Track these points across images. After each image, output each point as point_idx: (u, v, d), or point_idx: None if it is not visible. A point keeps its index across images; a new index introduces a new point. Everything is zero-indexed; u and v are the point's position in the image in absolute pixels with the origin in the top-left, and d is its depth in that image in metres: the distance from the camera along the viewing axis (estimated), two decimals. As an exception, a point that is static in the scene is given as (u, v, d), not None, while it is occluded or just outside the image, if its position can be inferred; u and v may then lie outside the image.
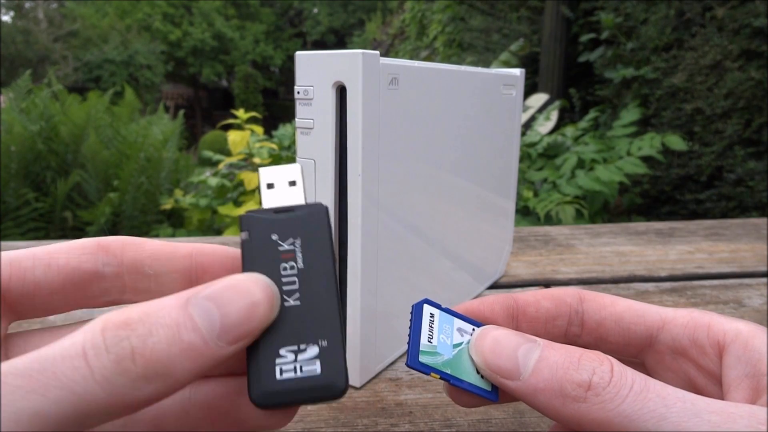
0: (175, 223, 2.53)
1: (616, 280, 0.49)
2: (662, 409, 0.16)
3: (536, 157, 2.02)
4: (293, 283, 0.17)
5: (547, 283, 0.48)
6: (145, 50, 9.59)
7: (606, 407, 0.16)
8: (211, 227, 2.05)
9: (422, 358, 0.19)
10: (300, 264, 0.18)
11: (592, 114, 2.22)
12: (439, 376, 0.20)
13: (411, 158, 0.32)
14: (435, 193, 0.36)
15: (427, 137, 0.33)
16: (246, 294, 0.16)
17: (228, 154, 1.97)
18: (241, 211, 1.68)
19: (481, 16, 3.29)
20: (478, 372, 0.20)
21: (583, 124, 2.16)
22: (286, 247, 0.18)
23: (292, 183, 0.19)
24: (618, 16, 2.34)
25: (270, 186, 0.19)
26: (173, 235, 2.17)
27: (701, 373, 0.20)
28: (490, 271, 0.46)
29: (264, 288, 0.16)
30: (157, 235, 2.25)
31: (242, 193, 1.86)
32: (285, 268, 0.18)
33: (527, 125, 2.37)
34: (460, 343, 0.20)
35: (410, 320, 0.20)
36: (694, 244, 0.59)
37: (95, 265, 0.19)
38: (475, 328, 0.21)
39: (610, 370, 0.17)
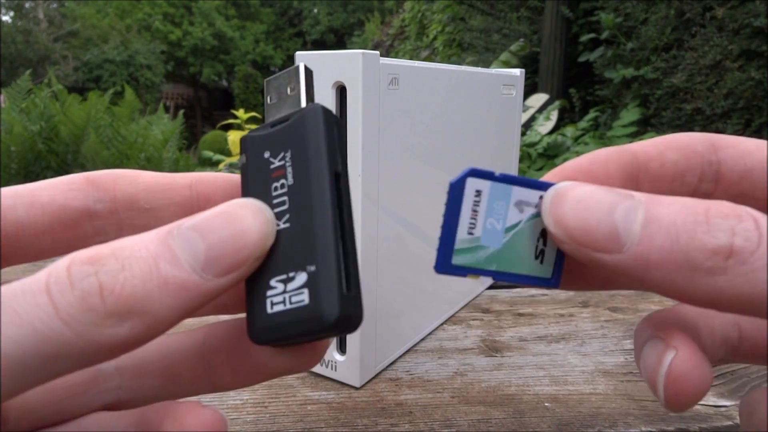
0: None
1: (616, 280, 0.48)
2: None
3: (536, 157, 2.02)
4: (284, 203, 0.15)
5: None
6: (145, 50, 9.60)
7: (757, 278, 0.12)
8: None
9: (457, 260, 0.15)
10: (290, 180, 0.15)
11: (592, 114, 2.23)
12: (478, 276, 0.16)
13: (411, 158, 0.32)
14: (435, 193, 0.36)
15: (427, 137, 0.33)
16: (235, 220, 0.14)
17: (228, 154, 1.97)
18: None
19: (481, 16, 3.29)
20: (536, 256, 0.16)
21: (583, 124, 2.17)
22: (277, 163, 0.15)
23: (293, 89, 0.16)
24: (618, 16, 2.34)
25: (272, 98, 0.17)
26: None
27: None
28: (490, 271, 0.46)
29: (256, 213, 0.14)
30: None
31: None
32: (276, 188, 0.15)
33: (527, 125, 2.37)
34: (518, 223, 0.16)
35: (446, 203, 0.16)
36: (694, 244, 0.58)
37: (85, 202, 0.17)
38: (543, 195, 0.16)
39: (756, 226, 0.12)
